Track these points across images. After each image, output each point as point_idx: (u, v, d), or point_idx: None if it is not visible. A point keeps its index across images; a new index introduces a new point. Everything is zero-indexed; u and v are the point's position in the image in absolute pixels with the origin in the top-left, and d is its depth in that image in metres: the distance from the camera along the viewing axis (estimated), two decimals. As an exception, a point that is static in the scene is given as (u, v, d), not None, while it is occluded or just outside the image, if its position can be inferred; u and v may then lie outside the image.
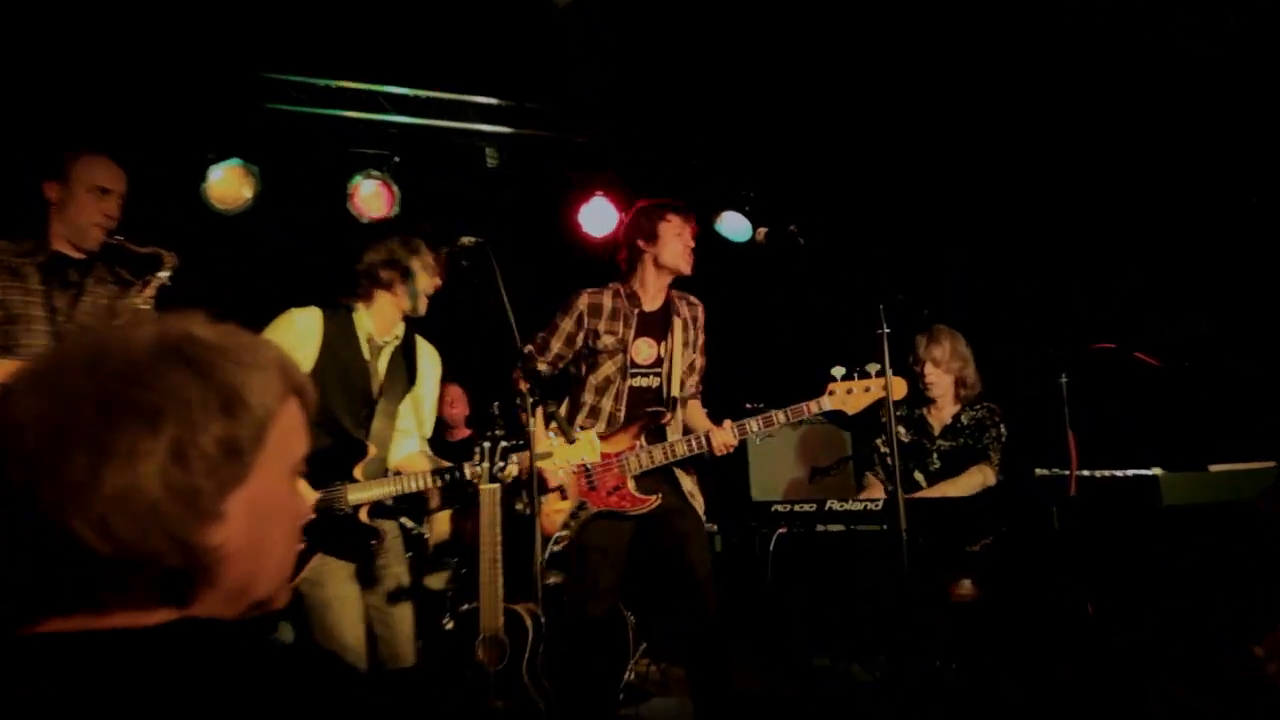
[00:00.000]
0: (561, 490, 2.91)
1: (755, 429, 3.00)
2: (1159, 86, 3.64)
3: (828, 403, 3.00)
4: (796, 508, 3.27)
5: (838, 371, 3.05)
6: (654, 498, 2.93)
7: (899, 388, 3.01)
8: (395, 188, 4.04)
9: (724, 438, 2.93)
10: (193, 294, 2.28)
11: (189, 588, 0.66)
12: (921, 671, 2.94)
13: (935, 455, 3.41)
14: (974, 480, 3.32)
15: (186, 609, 0.66)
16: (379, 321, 2.55)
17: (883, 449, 3.49)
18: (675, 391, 3.06)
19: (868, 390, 2.99)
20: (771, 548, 3.23)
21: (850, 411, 3.07)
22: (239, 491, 0.66)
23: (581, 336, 3.01)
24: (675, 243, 3.02)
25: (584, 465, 2.88)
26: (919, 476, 3.43)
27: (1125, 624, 2.81)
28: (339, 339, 2.57)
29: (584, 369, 3.02)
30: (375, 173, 4.05)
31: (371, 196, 4.03)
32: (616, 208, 4.21)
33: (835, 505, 3.21)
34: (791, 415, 3.00)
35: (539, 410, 2.53)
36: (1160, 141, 3.76)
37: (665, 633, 3.71)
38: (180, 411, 0.64)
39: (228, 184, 3.82)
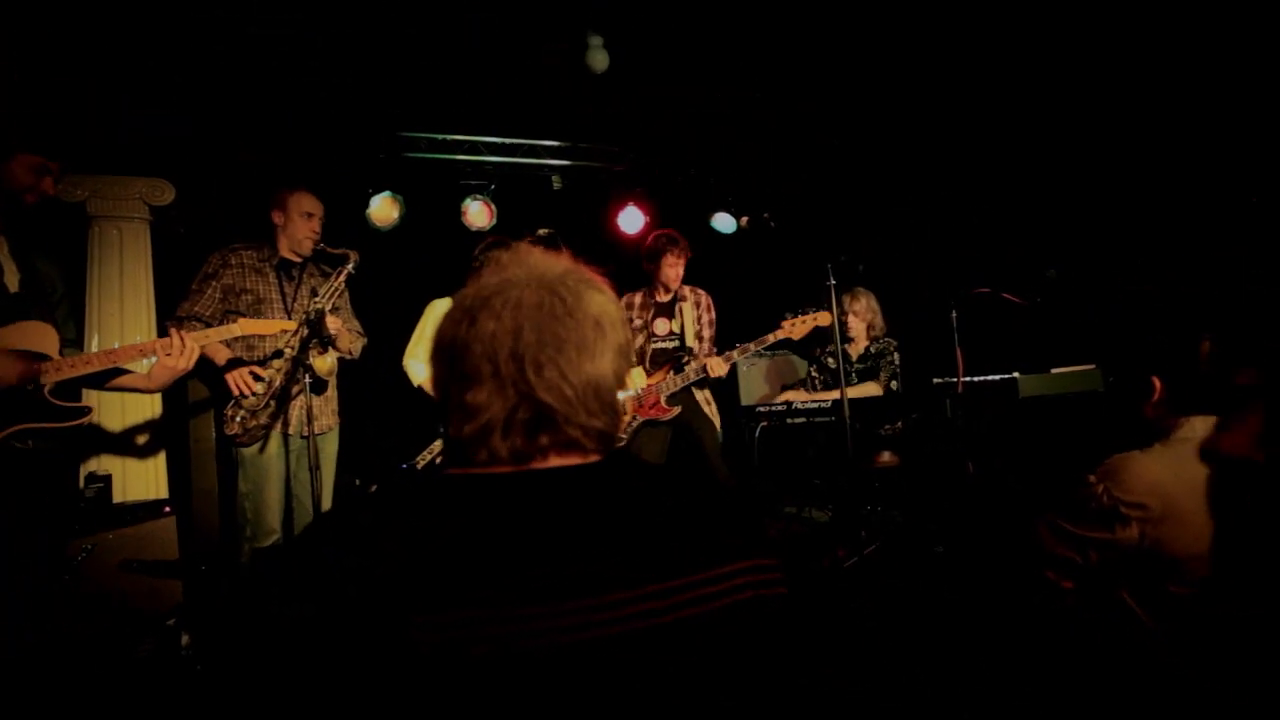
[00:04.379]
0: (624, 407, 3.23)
1: (735, 357, 3.30)
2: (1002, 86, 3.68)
3: (780, 334, 3.26)
4: (773, 408, 3.52)
5: (789, 314, 3.31)
6: (675, 409, 3.25)
7: (825, 318, 3.28)
8: (494, 206, 4.22)
9: (716, 366, 3.22)
10: (365, 282, 2.63)
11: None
12: (858, 514, 3.20)
13: (854, 374, 3.66)
14: (864, 390, 3.54)
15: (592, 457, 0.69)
16: None
17: (830, 364, 3.67)
18: (691, 344, 3.35)
19: (804, 322, 3.28)
20: (756, 436, 3.50)
21: (795, 337, 3.31)
22: None
23: None
24: (669, 270, 3.32)
25: (638, 392, 3.25)
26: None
27: (994, 475, 3.06)
28: None
29: None
30: (480, 196, 4.22)
31: (478, 213, 4.21)
32: (643, 213, 4.39)
33: (799, 405, 3.47)
34: (756, 344, 3.27)
35: None
36: (1019, 137, 3.85)
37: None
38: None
39: (383, 209, 4.02)
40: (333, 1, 3.08)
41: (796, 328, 3.29)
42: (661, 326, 3.43)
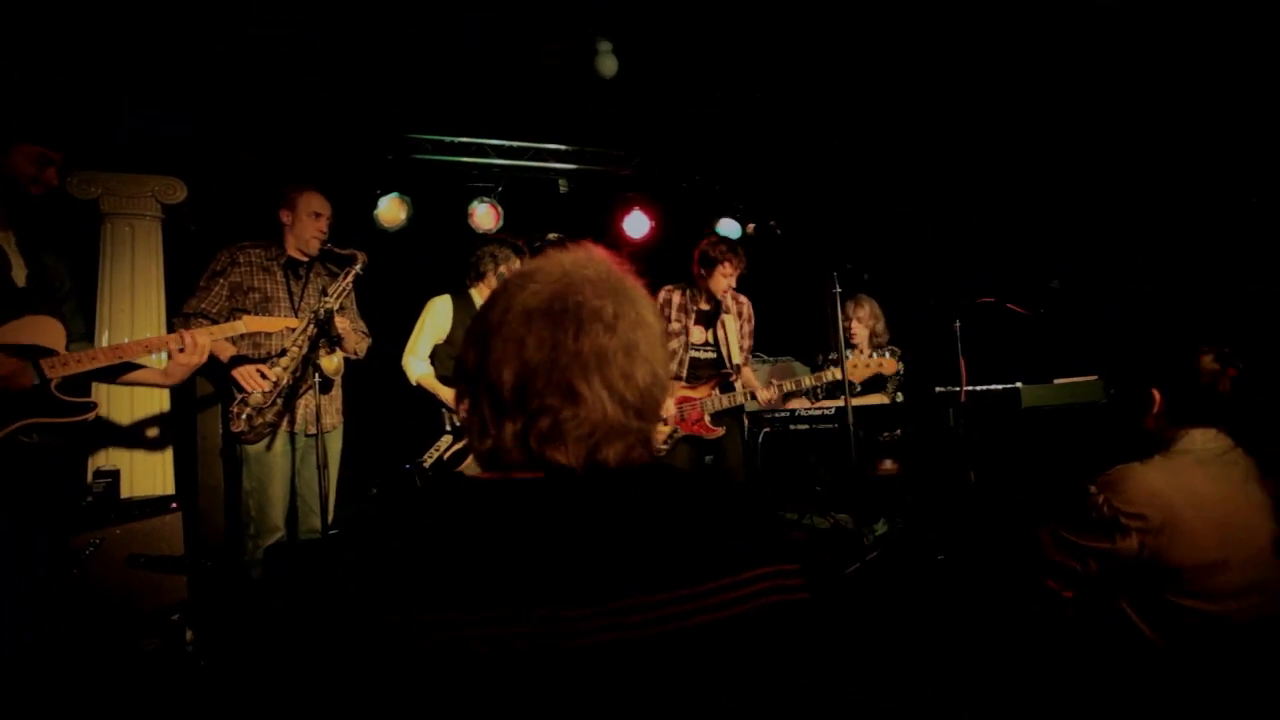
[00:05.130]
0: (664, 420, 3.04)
1: (788, 388, 3.19)
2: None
3: (839, 373, 3.05)
4: (776, 415, 3.62)
5: (851, 353, 3.17)
6: (721, 429, 3.11)
7: (891, 366, 3.16)
8: (500, 208, 4.23)
9: (766, 395, 3.13)
10: (371, 282, 2.64)
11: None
12: (859, 520, 3.27)
13: (857, 384, 3.53)
14: (872, 400, 3.56)
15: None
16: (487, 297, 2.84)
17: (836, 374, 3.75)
18: (737, 360, 3.19)
19: (867, 366, 3.15)
20: (760, 441, 3.58)
21: (856, 380, 3.15)
22: None
23: None
24: (722, 280, 3.10)
25: (679, 405, 3.04)
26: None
27: (996, 485, 3.10)
28: (465, 310, 2.88)
29: None
30: (486, 199, 4.23)
31: (484, 215, 4.22)
32: (649, 217, 4.43)
33: (801, 412, 3.58)
34: (812, 380, 3.17)
35: None
36: (1024, 144, 3.85)
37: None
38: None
39: (390, 210, 4.02)
40: (340, 6, 3.11)
41: (858, 370, 3.15)
42: (698, 335, 3.23)
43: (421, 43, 3.45)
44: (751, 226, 3.44)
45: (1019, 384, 3.16)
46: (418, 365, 2.90)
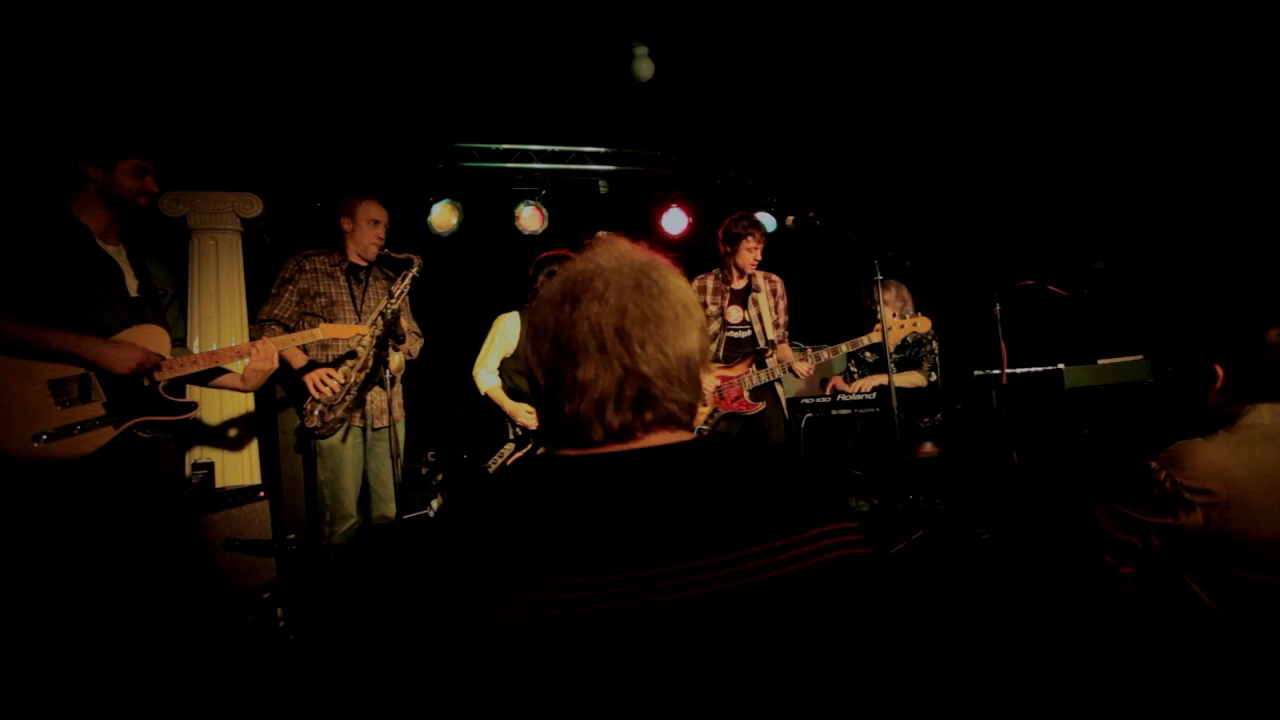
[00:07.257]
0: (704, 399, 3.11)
1: (825, 356, 3.15)
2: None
3: (874, 337, 3.07)
4: (818, 400, 3.48)
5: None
6: (761, 404, 3.09)
7: (925, 324, 3.12)
8: (545, 210, 4.29)
9: (804, 366, 3.10)
10: (425, 284, 2.60)
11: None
12: (899, 503, 3.21)
13: (892, 364, 3.45)
14: (908, 380, 3.43)
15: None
16: None
17: (869, 359, 3.61)
18: (771, 336, 3.16)
19: (902, 326, 3.10)
20: (803, 426, 3.46)
21: (893, 343, 3.15)
22: None
23: None
24: (747, 254, 3.11)
25: (718, 384, 3.07)
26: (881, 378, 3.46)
27: (1040, 465, 3.02)
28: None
29: None
30: (531, 202, 4.29)
31: (530, 217, 4.29)
32: (686, 214, 4.42)
33: (843, 397, 3.42)
34: (848, 346, 3.10)
35: None
36: (1065, 128, 3.72)
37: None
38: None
39: (443, 215, 4.12)
40: (392, 36, 3.19)
41: (893, 333, 3.10)
42: (735, 314, 3.19)
43: (467, 57, 3.51)
44: (791, 219, 3.16)
45: (1061, 365, 3.05)
46: (487, 377, 2.96)
